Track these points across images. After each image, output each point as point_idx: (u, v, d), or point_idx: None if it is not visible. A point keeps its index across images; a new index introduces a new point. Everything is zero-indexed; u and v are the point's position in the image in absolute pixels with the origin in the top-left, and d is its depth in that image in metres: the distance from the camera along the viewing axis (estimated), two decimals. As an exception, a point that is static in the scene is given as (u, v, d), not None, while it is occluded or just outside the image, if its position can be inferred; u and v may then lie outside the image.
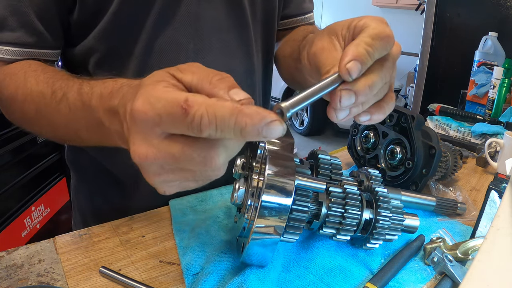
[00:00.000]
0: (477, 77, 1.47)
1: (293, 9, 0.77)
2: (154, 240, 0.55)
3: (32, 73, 0.52)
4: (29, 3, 0.53)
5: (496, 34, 1.58)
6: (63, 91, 0.47)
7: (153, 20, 0.58)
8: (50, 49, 0.58)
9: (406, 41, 4.46)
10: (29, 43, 0.55)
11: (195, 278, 0.47)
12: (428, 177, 0.68)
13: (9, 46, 0.54)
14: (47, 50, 0.57)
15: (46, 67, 0.54)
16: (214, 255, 0.50)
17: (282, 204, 0.40)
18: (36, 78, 0.51)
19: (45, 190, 1.71)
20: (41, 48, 0.56)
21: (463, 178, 0.85)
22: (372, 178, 0.56)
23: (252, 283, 0.44)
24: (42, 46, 0.56)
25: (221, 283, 0.46)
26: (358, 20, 0.40)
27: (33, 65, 0.54)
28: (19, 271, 0.47)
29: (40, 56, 0.57)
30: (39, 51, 0.56)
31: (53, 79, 0.50)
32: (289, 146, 0.45)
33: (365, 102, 0.38)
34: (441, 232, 0.61)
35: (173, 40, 0.61)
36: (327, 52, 0.42)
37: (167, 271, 0.49)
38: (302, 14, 0.78)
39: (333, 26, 0.43)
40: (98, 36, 0.59)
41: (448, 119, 1.26)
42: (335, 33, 0.42)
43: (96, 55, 0.61)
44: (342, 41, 0.42)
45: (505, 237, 0.34)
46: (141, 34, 0.59)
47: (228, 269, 0.48)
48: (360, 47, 0.35)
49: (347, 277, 0.49)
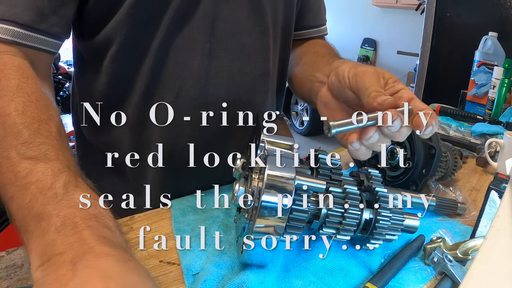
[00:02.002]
0: (477, 77, 1.47)
1: (310, 20, 0.78)
2: (154, 240, 0.55)
3: (23, 96, 0.42)
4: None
5: (496, 34, 1.58)
6: (29, 169, 0.35)
7: (170, 16, 0.58)
8: (50, 36, 0.52)
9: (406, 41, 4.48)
10: (26, 23, 0.49)
11: (195, 278, 0.47)
12: (428, 177, 0.68)
13: (2, 24, 0.48)
14: (46, 38, 0.52)
15: (40, 96, 0.44)
16: (214, 255, 0.50)
17: (282, 204, 0.40)
18: (24, 107, 0.41)
19: (45, 190, 1.70)
20: (40, 33, 0.51)
21: (463, 178, 0.85)
22: (372, 178, 0.56)
23: (252, 283, 0.44)
24: (41, 31, 0.51)
25: (221, 283, 0.46)
26: (394, 82, 0.46)
27: (30, 79, 0.45)
28: (19, 271, 0.47)
29: (37, 43, 0.51)
30: (37, 36, 0.50)
31: (36, 133, 0.39)
32: (289, 146, 0.45)
33: None
34: (441, 232, 0.61)
35: (189, 38, 0.60)
36: (372, 77, 0.45)
37: (167, 271, 0.49)
38: (318, 26, 0.79)
39: (386, 73, 0.47)
40: (114, 29, 0.58)
41: (448, 119, 1.26)
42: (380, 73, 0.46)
43: (113, 48, 0.59)
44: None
45: (505, 237, 0.34)
46: (158, 30, 0.58)
47: (228, 269, 0.48)
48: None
49: (347, 277, 0.49)
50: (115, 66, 0.61)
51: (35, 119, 0.40)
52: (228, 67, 0.64)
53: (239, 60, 0.65)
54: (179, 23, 0.59)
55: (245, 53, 0.65)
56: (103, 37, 0.59)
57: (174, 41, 0.60)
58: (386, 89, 0.45)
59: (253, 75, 0.67)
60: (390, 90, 0.45)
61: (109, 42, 0.59)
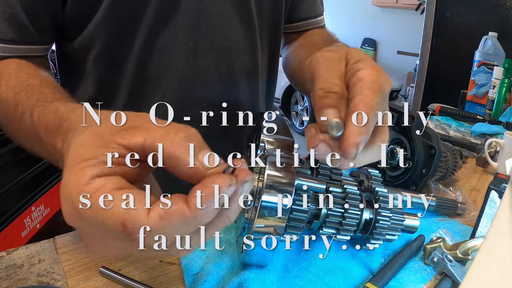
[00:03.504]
0: (477, 77, 1.47)
1: (305, 12, 0.75)
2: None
3: (6, 76, 0.49)
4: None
5: (496, 34, 1.58)
6: (22, 109, 0.43)
7: (151, 16, 0.56)
8: (37, 44, 0.55)
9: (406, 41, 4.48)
10: (13, 39, 0.52)
11: (195, 278, 0.47)
12: (428, 177, 0.69)
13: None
14: (33, 46, 0.54)
15: (21, 69, 0.50)
16: (214, 255, 0.50)
17: (282, 204, 0.40)
18: (6, 83, 0.48)
19: (45, 190, 1.70)
20: (27, 44, 0.53)
21: (463, 178, 0.85)
22: (372, 178, 0.56)
23: (252, 283, 0.44)
24: (27, 42, 0.53)
25: (221, 283, 0.46)
26: (357, 70, 0.36)
27: (11, 65, 0.51)
28: (19, 271, 0.47)
29: (26, 52, 0.54)
30: (25, 47, 0.53)
31: (21, 88, 0.46)
32: (289, 146, 0.45)
33: None
34: (441, 232, 0.61)
35: (173, 37, 0.59)
36: (330, 66, 0.37)
37: (167, 271, 0.49)
38: (314, 17, 0.77)
39: (351, 50, 0.38)
40: (94, 31, 0.57)
41: (448, 119, 1.26)
42: (347, 59, 0.38)
43: (93, 51, 0.59)
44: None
45: (505, 237, 0.34)
46: (139, 31, 0.57)
47: (228, 269, 0.48)
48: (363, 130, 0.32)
49: (347, 277, 0.49)
50: (97, 70, 0.60)
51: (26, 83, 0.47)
52: (216, 65, 0.63)
53: (227, 58, 0.63)
54: (161, 23, 0.58)
55: (233, 50, 0.64)
56: (83, 41, 0.58)
57: (157, 41, 0.58)
58: (347, 70, 0.37)
59: (242, 72, 0.66)
60: (349, 73, 0.37)
61: (89, 46, 0.58)
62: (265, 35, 0.69)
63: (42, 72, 0.51)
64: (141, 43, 0.58)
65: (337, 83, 0.36)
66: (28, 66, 0.52)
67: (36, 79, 0.48)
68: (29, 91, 0.45)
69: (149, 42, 0.58)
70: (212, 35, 0.61)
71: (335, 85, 0.35)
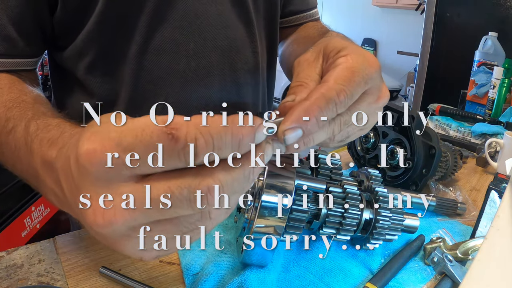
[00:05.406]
0: (477, 77, 1.47)
1: (298, 5, 0.75)
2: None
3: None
4: (1, 4, 0.48)
5: (496, 34, 1.58)
6: (14, 123, 0.41)
7: (147, 19, 0.55)
8: (25, 57, 0.53)
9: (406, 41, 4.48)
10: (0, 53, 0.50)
11: (195, 278, 0.47)
12: (428, 177, 0.69)
13: None
14: (21, 59, 0.53)
15: (13, 84, 0.49)
16: (214, 255, 0.50)
17: (282, 204, 0.40)
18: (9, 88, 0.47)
19: (45, 190, 1.71)
20: (13, 58, 0.52)
21: (463, 178, 0.85)
22: (372, 178, 0.56)
23: (252, 283, 0.44)
24: (14, 55, 0.52)
25: (221, 283, 0.46)
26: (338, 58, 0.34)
27: (2, 80, 0.49)
28: (19, 271, 0.47)
29: (13, 67, 0.52)
30: (12, 61, 0.52)
31: (13, 104, 0.44)
32: (289, 146, 0.45)
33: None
34: (441, 232, 0.61)
35: (171, 40, 0.58)
36: (307, 67, 0.36)
37: (167, 271, 0.49)
38: (307, 10, 0.76)
39: (330, 43, 0.37)
40: (86, 38, 0.55)
41: (448, 119, 1.26)
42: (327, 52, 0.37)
43: (86, 59, 0.57)
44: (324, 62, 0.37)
45: (505, 237, 0.34)
46: (134, 35, 0.56)
47: (228, 269, 0.48)
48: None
49: (347, 277, 0.49)
50: (91, 78, 0.58)
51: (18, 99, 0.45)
52: (218, 65, 0.62)
53: (229, 57, 0.63)
54: (157, 26, 0.56)
55: (235, 48, 0.63)
56: (76, 48, 0.57)
57: (154, 45, 0.57)
58: (329, 63, 0.35)
59: (244, 70, 0.65)
60: (330, 66, 0.35)
61: (82, 53, 0.57)
62: (262, 31, 0.69)
63: (34, 90, 0.50)
64: (137, 47, 0.57)
65: (304, 80, 0.35)
66: (19, 82, 0.51)
67: (29, 96, 0.47)
68: (22, 107, 0.43)
69: (145, 45, 0.57)
70: (213, 34, 0.60)
71: (297, 82, 0.35)
